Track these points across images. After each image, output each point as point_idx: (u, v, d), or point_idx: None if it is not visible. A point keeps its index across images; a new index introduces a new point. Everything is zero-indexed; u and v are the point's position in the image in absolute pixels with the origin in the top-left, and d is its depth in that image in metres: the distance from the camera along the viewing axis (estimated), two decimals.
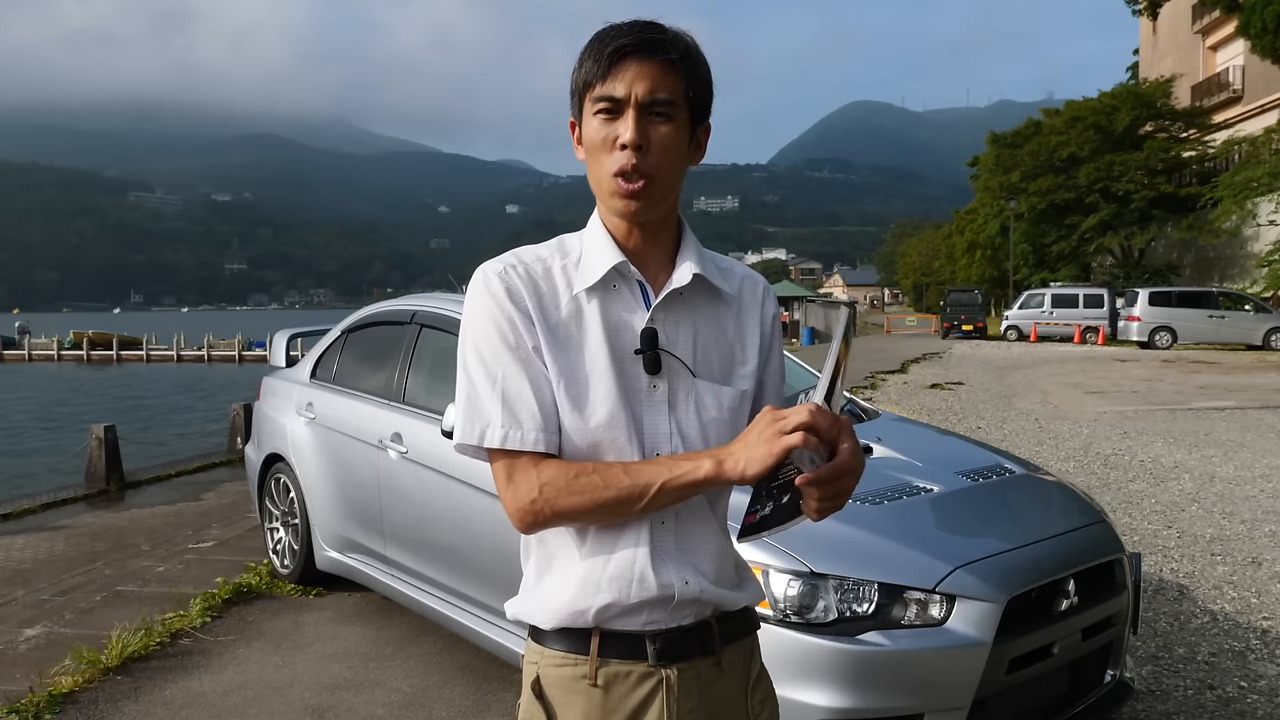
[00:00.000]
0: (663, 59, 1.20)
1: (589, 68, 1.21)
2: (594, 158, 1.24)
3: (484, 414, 1.22)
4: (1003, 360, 21.58)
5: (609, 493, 1.17)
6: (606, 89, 1.20)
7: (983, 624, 2.52)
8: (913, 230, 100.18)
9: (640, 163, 1.20)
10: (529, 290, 1.25)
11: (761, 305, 1.37)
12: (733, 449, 1.15)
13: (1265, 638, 4.12)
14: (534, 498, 1.19)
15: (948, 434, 4.44)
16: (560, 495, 1.18)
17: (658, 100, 1.20)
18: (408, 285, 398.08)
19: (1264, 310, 25.15)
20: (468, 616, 3.57)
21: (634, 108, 1.19)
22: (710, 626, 1.29)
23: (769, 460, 1.11)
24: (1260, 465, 8.03)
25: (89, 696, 3.57)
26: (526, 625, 1.32)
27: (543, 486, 1.19)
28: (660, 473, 1.17)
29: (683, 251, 1.31)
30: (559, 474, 1.19)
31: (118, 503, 7.66)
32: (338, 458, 4.37)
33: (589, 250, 1.29)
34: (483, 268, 1.28)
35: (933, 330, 38.73)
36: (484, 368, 1.24)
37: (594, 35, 1.24)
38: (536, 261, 1.29)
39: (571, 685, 1.25)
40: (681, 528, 1.27)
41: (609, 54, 1.19)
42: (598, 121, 1.22)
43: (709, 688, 1.28)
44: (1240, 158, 28.08)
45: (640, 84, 1.19)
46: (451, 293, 4.59)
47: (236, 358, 45.81)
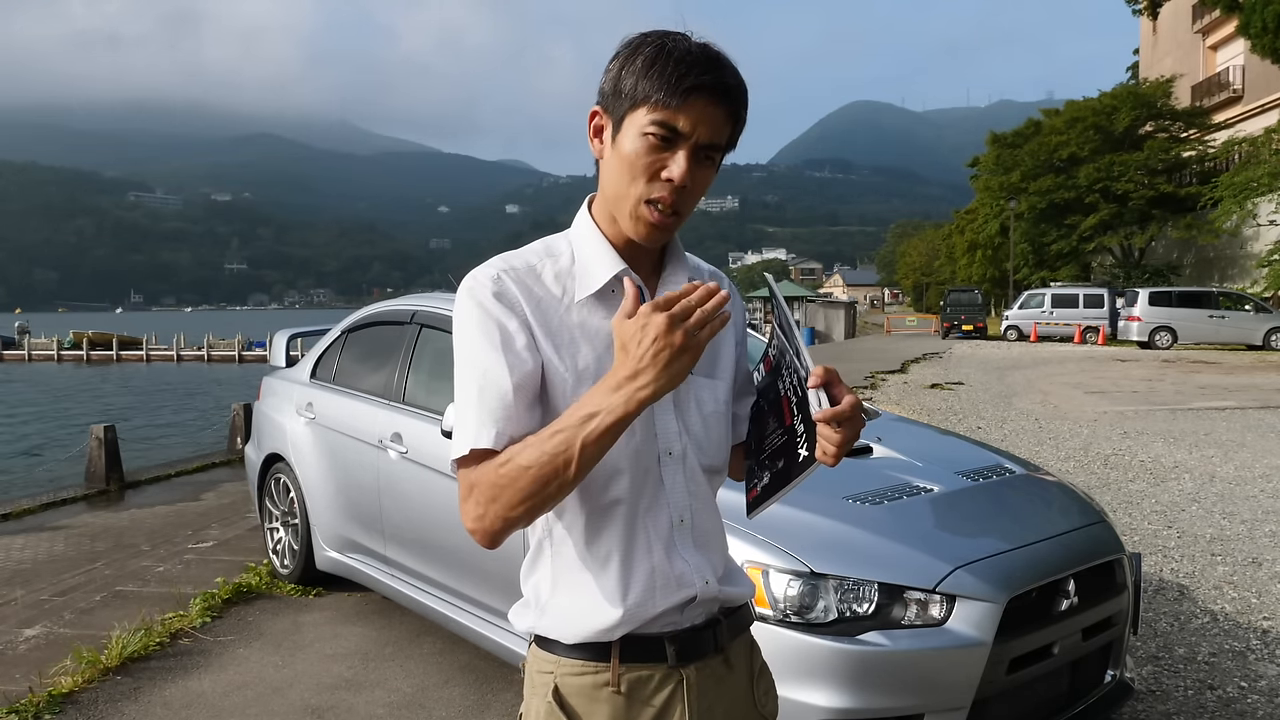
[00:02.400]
0: (728, 107, 1.18)
1: (654, 86, 1.15)
2: (627, 174, 1.19)
3: (465, 429, 1.17)
4: (1003, 360, 21.57)
5: (529, 474, 1.09)
6: (670, 118, 1.16)
7: (983, 624, 2.52)
8: (913, 230, 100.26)
9: (676, 200, 1.19)
10: (525, 295, 1.22)
11: (730, 302, 1.40)
12: (623, 373, 1.08)
13: (1265, 638, 4.11)
14: (474, 505, 1.13)
15: (948, 434, 4.44)
16: (490, 491, 1.11)
17: (713, 145, 1.18)
18: (408, 285, 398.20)
19: (1264, 310, 25.14)
20: (468, 617, 3.57)
21: (689, 147, 1.17)
22: (719, 623, 1.30)
23: (683, 372, 1.07)
24: (1260, 465, 8.03)
25: (89, 696, 3.57)
26: (534, 635, 1.30)
27: (476, 493, 1.13)
28: (572, 434, 1.08)
29: (671, 254, 1.31)
30: (487, 472, 1.12)
31: (118, 503, 7.66)
32: (338, 458, 4.37)
33: (585, 255, 1.26)
34: (471, 275, 1.24)
35: (933, 330, 38.72)
36: (469, 378, 1.18)
37: (658, 45, 1.17)
38: (527, 268, 1.25)
39: (594, 694, 1.24)
40: (698, 525, 1.28)
41: (685, 87, 1.15)
42: (645, 144, 1.17)
43: (721, 684, 1.30)
44: (1240, 158, 28.08)
45: (704, 127, 1.17)
46: (451, 293, 4.59)
47: (236, 358, 45.81)
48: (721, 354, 1.35)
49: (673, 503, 1.25)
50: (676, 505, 1.25)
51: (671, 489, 1.25)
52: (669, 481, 1.25)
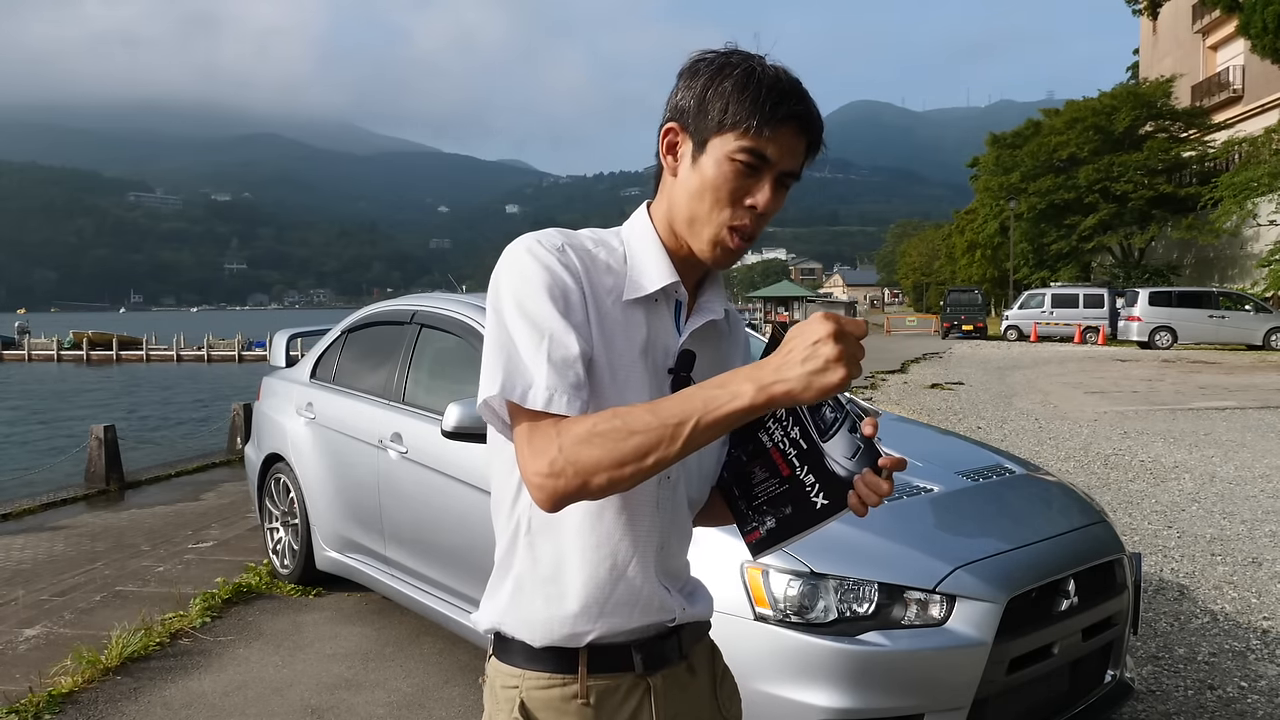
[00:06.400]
0: (810, 137, 1.19)
1: (748, 112, 1.14)
2: (709, 197, 1.18)
3: (526, 372, 1.10)
4: (1003, 360, 21.58)
5: (634, 439, 1.04)
6: (762, 145, 1.15)
7: (983, 624, 2.52)
8: (913, 230, 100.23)
9: (755, 227, 1.19)
10: (586, 272, 1.18)
11: (735, 330, 1.38)
12: (769, 365, 1.03)
13: (1265, 638, 4.12)
14: (553, 457, 1.06)
15: (948, 434, 4.44)
16: (581, 447, 1.05)
17: (792, 173, 1.19)
18: (407, 285, 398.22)
19: (1264, 310, 25.15)
20: (468, 617, 3.56)
21: (775, 175, 1.17)
22: (680, 630, 1.30)
23: (826, 387, 1.01)
24: (1260, 465, 8.03)
25: (89, 696, 3.57)
26: (494, 638, 1.27)
27: (561, 444, 1.06)
28: (693, 407, 1.04)
29: (711, 280, 1.30)
30: (577, 426, 1.07)
31: (117, 503, 7.66)
32: (338, 458, 4.37)
33: (639, 258, 1.24)
34: (531, 236, 1.19)
35: (933, 330, 38.73)
36: (530, 325, 1.12)
37: (747, 70, 1.16)
38: (583, 249, 1.21)
39: (562, 706, 1.22)
40: (674, 552, 1.28)
41: (779, 116, 1.15)
42: (732, 169, 1.16)
43: (685, 691, 1.30)
44: (1240, 158, 28.10)
45: (791, 158, 1.18)
46: (451, 293, 4.59)
47: (236, 358, 45.78)
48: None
49: (660, 527, 1.24)
50: (663, 530, 1.25)
51: (661, 514, 1.24)
52: (661, 506, 1.24)
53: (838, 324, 1.02)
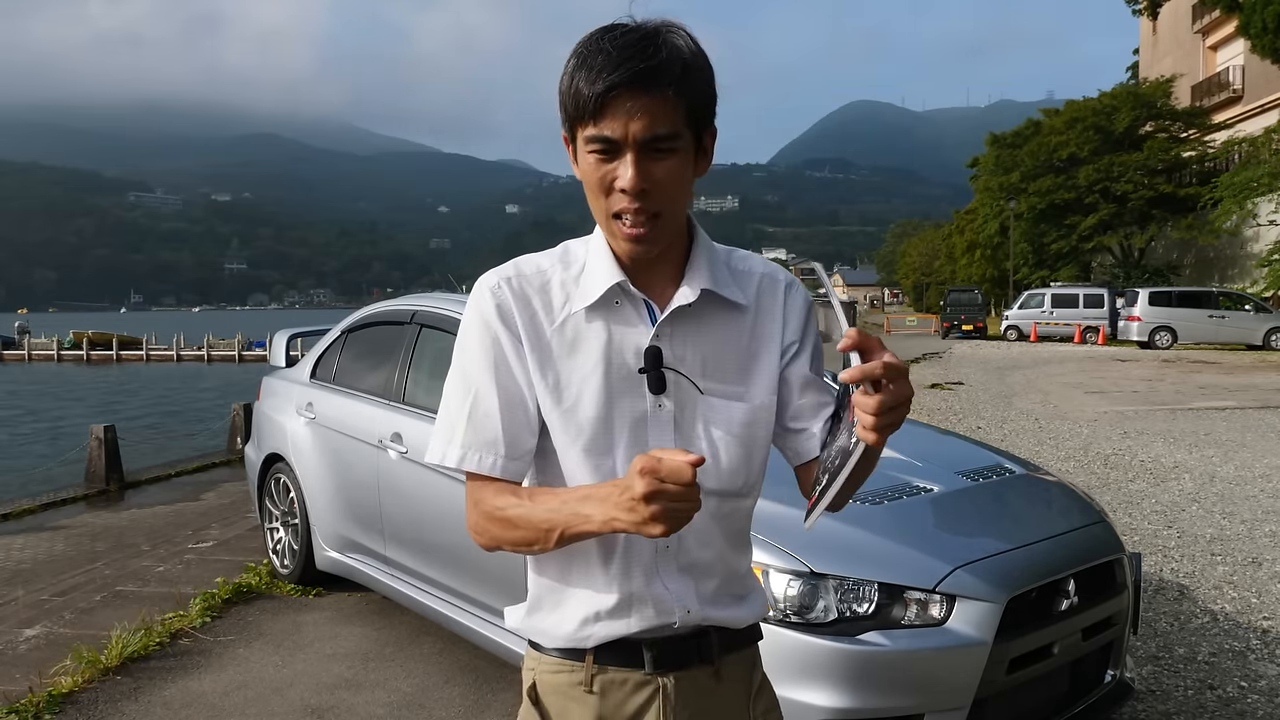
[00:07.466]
0: (658, 92, 1.08)
1: (576, 102, 1.11)
2: (591, 193, 1.16)
3: (451, 431, 1.21)
4: (1003, 360, 21.58)
5: (518, 532, 1.16)
6: (599, 130, 1.10)
7: (983, 624, 2.52)
8: (913, 230, 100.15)
9: (644, 205, 1.12)
10: (520, 307, 1.20)
11: (784, 307, 1.29)
12: (618, 502, 1.06)
13: (1265, 638, 4.12)
14: (474, 520, 1.20)
15: (948, 434, 4.44)
16: (486, 521, 1.19)
17: (657, 136, 1.10)
18: (407, 285, 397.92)
19: (1264, 310, 25.15)
20: (468, 616, 3.56)
21: (632, 149, 1.10)
22: (708, 635, 1.26)
23: (651, 535, 1.04)
24: (1260, 465, 8.03)
25: (89, 696, 3.57)
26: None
27: (478, 511, 1.20)
28: (560, 520, 1.12)
29: (692, 263, 1.23)
30: (488, 500, 1.18)
31: (117, 503, 7.66)
32: (338, 458, 4.37)
33: (590, 264, 1.22)
34: (481, 280, 1.24)
35: (933, 330, 38.71)
36: (462, 380, 1.22)
37: (581, 48, 1.11)
38: (536, 274, 1.23)
39: (568, 691, 1.25)
40: (686, 550, 1.23)
41: (597, 94, 1.08)
42: (593, 160, 1.12)
43: (708, 697, 1.26)
44: (1240, 158, 28.08)
45: (636, 123, 1.08)
46: (451, 293, 4.59)
47: (236, 357, 45.77)
48: (754, 371, 1.26)
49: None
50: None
51: None
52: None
53: (649, 485, 1.01)
